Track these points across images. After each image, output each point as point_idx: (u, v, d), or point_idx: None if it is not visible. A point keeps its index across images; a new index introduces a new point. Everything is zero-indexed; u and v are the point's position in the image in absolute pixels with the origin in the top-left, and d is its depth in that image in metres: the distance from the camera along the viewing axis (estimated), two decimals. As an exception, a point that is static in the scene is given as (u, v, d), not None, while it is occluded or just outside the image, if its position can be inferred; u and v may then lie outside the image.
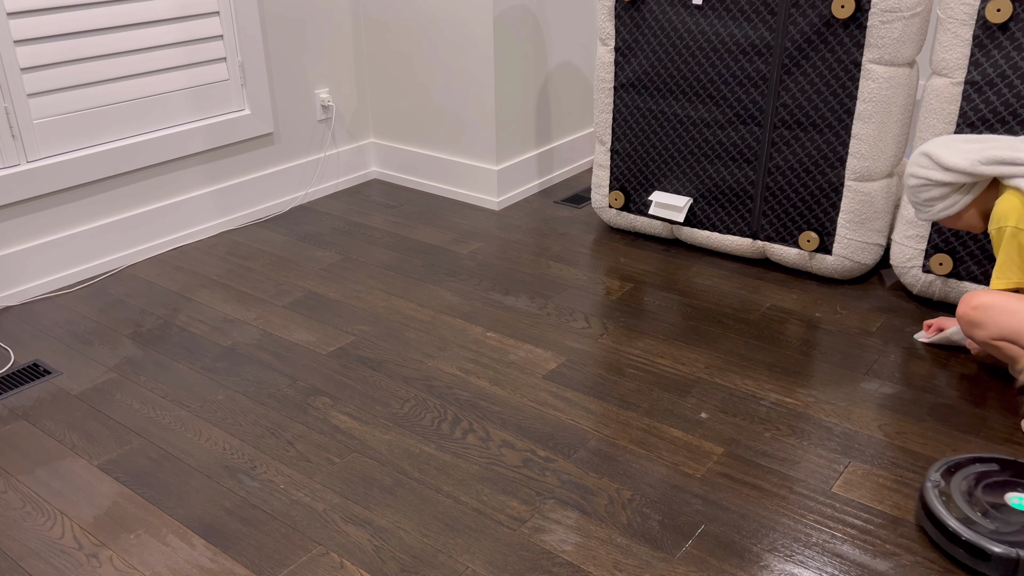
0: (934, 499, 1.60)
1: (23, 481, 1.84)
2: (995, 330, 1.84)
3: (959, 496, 1.60)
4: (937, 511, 1.58)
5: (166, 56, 2.77)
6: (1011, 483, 1.63)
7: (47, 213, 2.60)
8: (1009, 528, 1.52)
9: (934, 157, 1.94)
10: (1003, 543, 1.49)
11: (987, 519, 1.55)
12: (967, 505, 1.58)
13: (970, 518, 1.55)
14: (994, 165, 1.88)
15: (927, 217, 2.02)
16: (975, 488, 1.62)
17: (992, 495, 1.60)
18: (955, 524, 1.54)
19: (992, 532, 1.52)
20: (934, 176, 1.95)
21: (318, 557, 1.62)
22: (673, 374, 2.16)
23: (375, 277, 2.70)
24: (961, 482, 1.64)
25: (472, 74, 3.10)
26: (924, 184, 1.98)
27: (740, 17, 2.48)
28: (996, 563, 1.49)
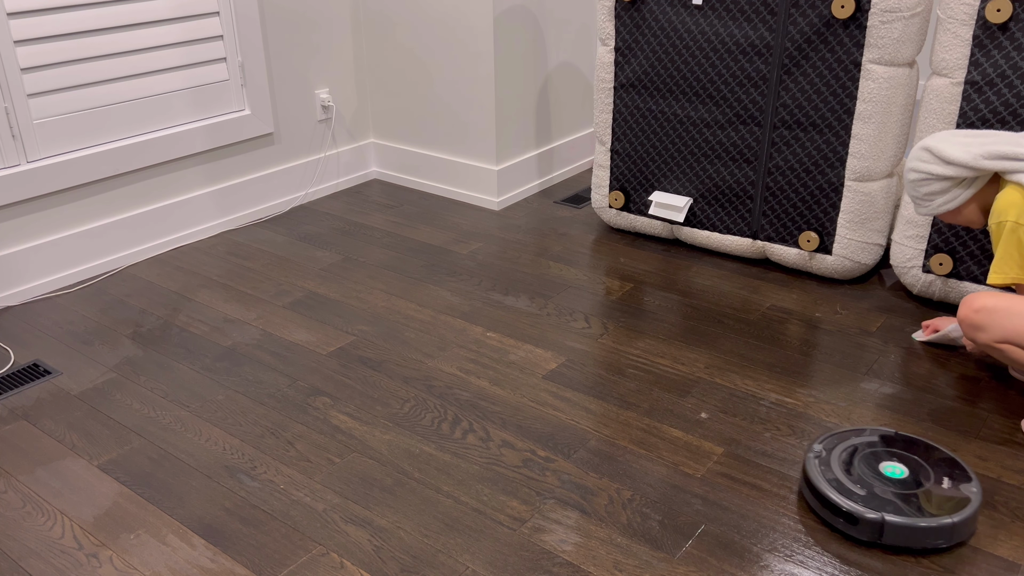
0: (813, 468, 1.70)
1: (23, 481, 1.84)
2: (998, 333, 1.84)
3: (837, 465, 1.70)
4: (814, 479, 1.67)
5: (166, 56, 2.77)
6: (888, 454, 1.74)
7: (47, 213, 2.61)
8: (879, 494, 1.62)
9: (935, 151, 1.94)
10: (871, 508, 1.59)
11: (860, 486, 1.64)
12: (843, 474, 1.68)
13: (844, 485, 1.65)
14: (996, 160, 1.88)
15: (927, 212, 2.02)
16: (853, 458, 1.72)
17: (868, 464, 1.70)
18: (828, 490, 1.64)
19: (863, 498, 1.61)
20: (935, 170, 1.95)
21: (318, 557, 1.62)
22: (673, 374, 2.17)
23: (375, 277, 2.71)
24: (841, 453, 1.74)
25: (472, 74, 3.10)
26: (925, 178, 1.97)
27: (740, 17, 2.48)
28: (864, 526, 1.59)
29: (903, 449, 1.75)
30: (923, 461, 1.71)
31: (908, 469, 1.69)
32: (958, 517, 1.57)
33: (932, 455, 1.73)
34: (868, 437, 1.78)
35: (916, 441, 1.77)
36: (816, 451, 1.74)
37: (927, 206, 2.01)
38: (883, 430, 1.80)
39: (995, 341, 1.85)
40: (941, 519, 1.56)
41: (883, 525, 1.58)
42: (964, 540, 1.61)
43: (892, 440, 1.77)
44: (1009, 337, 1.83)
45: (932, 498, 1.61)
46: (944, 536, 1.57)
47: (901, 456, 1.73)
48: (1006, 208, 1.86)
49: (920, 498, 1.62)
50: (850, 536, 1.63)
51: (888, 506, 1.60)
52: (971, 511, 1.58)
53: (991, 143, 1.90)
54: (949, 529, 1.56)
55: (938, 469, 1.68)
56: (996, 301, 1.84)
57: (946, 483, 1.65)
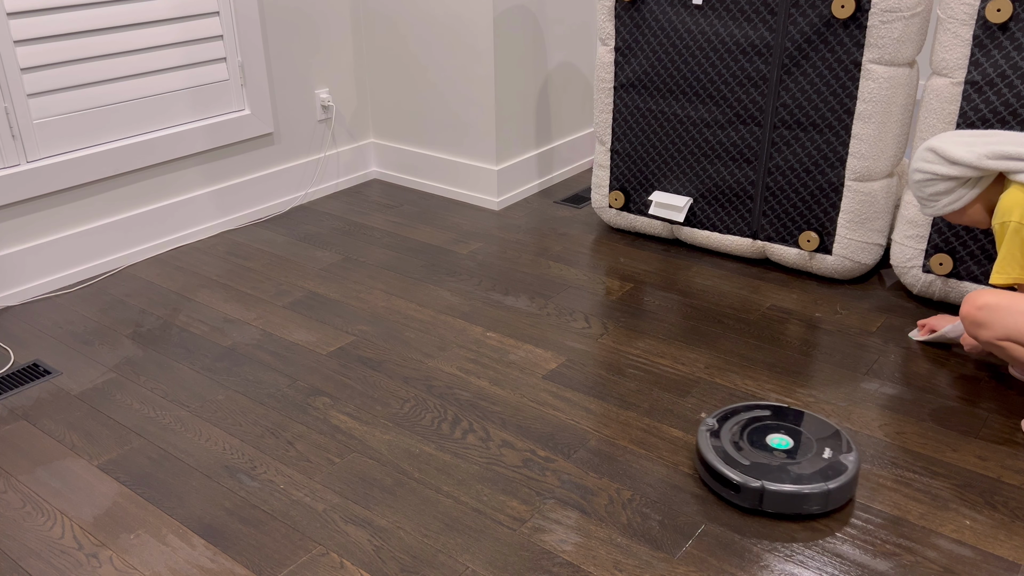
0: (703, 440, 1.79)
1: (23, 481, 1.84)
2: (1000, 330, 1.84)
3: (727, 437, 1.80)
4: (703, 450, 1.77)
5: (166, 56, 2.77)
6: (777, 427, 1.83)
7: (47, 213, 2.61)
8: (763, 464, 1.72)
9: (939, 151, 1.94)
10: (752, 476, 1.68)
11: (745, 457, 1.74)
12: (732, 445, 1.77)
13: (730, 455, 1.74)
14: (1000, 160, 1.88)
15: (932, 212, 2.02)
16: (743, 431, 1.82)
17: (756, 436, 1.80)
18: (715, 460, 1.73)
19: (746, 467, 1.71)
20: (940, 170, 1.95)
21: (318, 557, 1.62)
22: (673, 374, 2.16)
23: (375, 277, 2.71)
24: (733, 426, 1.83)
25: (472, 74, 3.10)
26: (930, 179, 1.97)
27: (740, 17, 2.48)
28: (746, 493, 1.68)
29: (792, 422, 1.84)
30: (809, 433, 1.80)
31: (794, 440, 1.78)
32: (834, 484, 1.66)
33: (819, 427, 1.82)
34: (760, 411, 1.87)
35: (806, 414, 1.86)
36: (708, 424, 1.84)
37: (932, 206, 2.01)
38: (775, 404, 1.89)
39: (997, 338, 1.85)
40: (817, 486, 1.65)
41: (763, 492, 1.67)
42: (840, 506, 1.70)
43: (783, 413, 1.87)
44: (1011, 335, 1.83)
45: (812, 467, 1.71)
46: (820, 502, 1.66)
47: (789, 428, 1.82)
48: (1010, 208, 1.86)
49: (801, 467, 1.71)
50: (736, 504, 1.71)
51: (769, 474, 1.68)
52: (847, 478, 1.67)
53: (995, 143, 1.90)
54: (824, 495, 1.66)
55: (822, 440, 1.78)
56: (999, 299, 1.84)
57: (827, 453, 1.74)
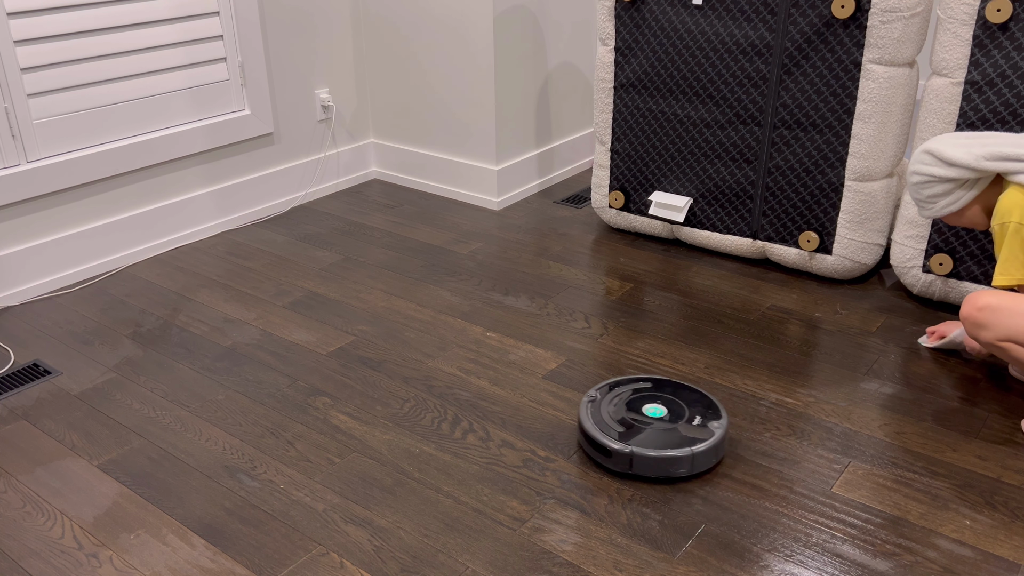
0: (584, 410, 1.90)
1: (23, 481, 1.84)
2: (1001, 332, 1.84)
3: (607, 407, 1.91)
4: (582, 419, 1.87)
5: (166, 56, 2.77)
6: (655, 397, 1.94)
7: (47, 213, 2.61)
8: (636, 431, 1.83)
9: (937, 153, 1.94)
10: (623, 442, 1.79)
11: (621, 425, 1.85)
12: (609, 414, 1.88)
13: (606, 423, 1.86)
14: (997, 161, 1.88)
15: (930, 214, 2.02)
16: (623, 401, 1.93)
17: (634, 406, 1.91)
18: (591, 428, 1.85)
19: (619, 434, 1.82)
20: (937, 172, 1.95)
21: (318, 557, 1.62)
22: (673, 374, 2.16)
23: (375, 277, 2.71)
24: (614, 397, 1.94)
25: (472, 74, 3.10)
26: (927, 180, 1.97)
27: (740, 17, 2.48)
28: (617, 458, 1.79)
29: (670, 393, 1.95)
30: (684, 403, 1.91)
31: (668, 409, 1.89)
32: (699, 448, 1.77)
33: (694, 397, 1.94)
34: (642, 384, 1.99)
35: (685, 387, 1.97)
36: (591, 396, 1.94)
37: (930, 208, 2.01)
38: (658, 376, 2.01)
39: (997, 339, 1.85)
40: (682, 450, 1.77)
41: (632, 457, 1.78)
42: (706, 469, 1.81)
43: (663, 385, 1.98)
44: (1012, 336, 1.83)
45: (681, 433, 1.82)
46: (685, 465, 1.78)
47: (666, 399, 1.93)
48: (1009, 209, 1.86)
49: (670, 433, 1.82)
50: (610, 469, 1.83)
51: (639, 440, 1.80)
52: (711, 443, 1.79)
53: (992, 144, 1.90)
54: (690, 459, 1.77)
55: (694, 409, 1.89)
56: (999, 300, 1.84)
57: (697, 420, 1.86)
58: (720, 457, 1.83)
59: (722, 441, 1.82)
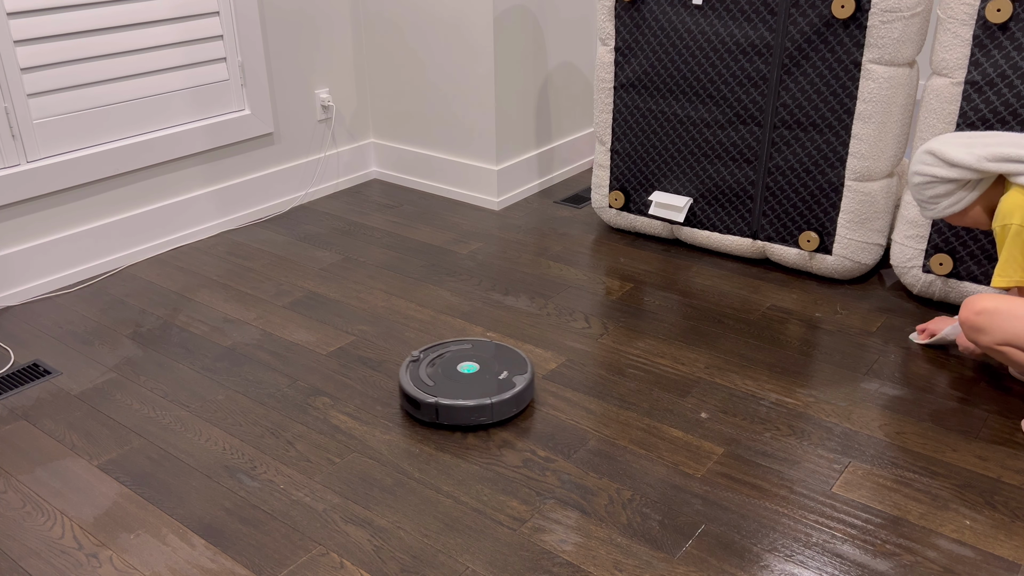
0: (403, 369, 2.05)
1: (23, 481, 1.84)
2: (999, 336, 1.84)
3: (424, 365, 2.06)
4: (400, 376, 2.03)
5: (166, 56, 2.77)
6: (471, 356, 2.10)
7: (47, 213, 2.61)
8: (444, 385, 1.99)
9: (939, 154, 1.93)
10: (430, 394, 1.95)
11: (433, 380, 2.01)
12: (426, 372, 2.03)
13: (420, 379, 2.01)
14: (1000, 162, 1.87)
15: (932, 215, 2.01)
16: (440, 359, 2.09)
17: (450, 364, 2.07)
18: (406, 383, 2.00)
19: (428, 388, 1.97)
20: (939, 173, 1.94)
21: (318, 557, 1.62)
22: (673, 374, 2.16)
23: (375, 277, 2.70)
24: (434, 357, 2.10)
25: (472, 74, 3.10)
26: (929, 181, 1.97)
27: (740, 17, 2.48)
28: (425, 409, 1.95)
29: (486, 353, 2.11)
30: (497, 361, 2.07)
31: (480, 366, 2.05)
32: (496, 399, 1.93)
33: (508, 356, 2.09)
34: (463, 345, 2.14)
35: (502, 347, 2.13)
36: (414, 356, 2.09)
37: (933, 209, 2.00)
38: (479, 339, 2.18)
39: (996, 343, 1.85)
40: (482, 400, 1.92)
41: (437, 407, 1.93)
42: (507, 418, 1.97)
43: (483, 346, 2.14)
44: (1010, 339, 1.83)
45: (485, 386, 1.98)
46: (486, 414, 1.94)
47: (481, 358, 2.08)
48: (1011, 211, 1.86)
49: (475, 386, 1.98)
50: (423, 421, 1.98)
51: (446, 392, 1.96)
52: (511, 394, 1.95)
53: (995, 144, 1.89)
54: (490, 408, 1.93)
55: (503, 365, 2.05)
56: (997, 304, 1.84)
57: (504, 375, 2.01)
58: (522, 407, 1.99)
59: (523, 392, 1.98)
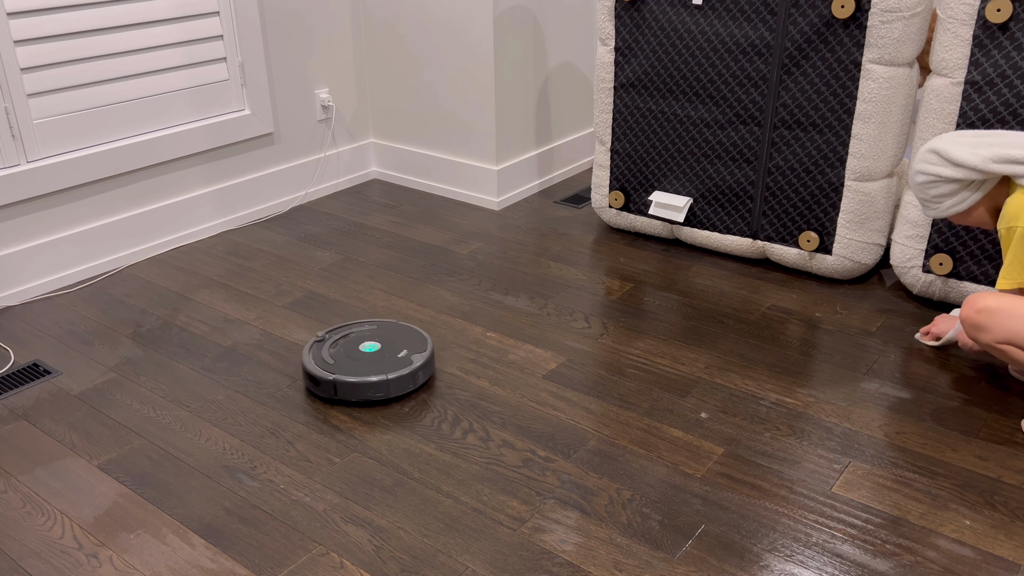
0: (306, 348, 2.13)
1: (23, 481, 1.84)
2: (1000, 334, 1.83)
3: (328, 345, 2.14)
4: (303, 356, 2.11)
5: (166, 56, 2.77)
6: (375, 336, 2.18)
7: (47, 213, 2.61)
8: (343, 363, 2.07)
9: (943, 153, 1.92)
10: (329, 372, 2.04)
11: (334, 359, 2.09)
12: (328, 352, 2.12)
13: (321, 357, 2.09)
14: (1005, 164, 1.86)
15: (936, 214, 2.00)
16: (344, 340, 2.17)
17: (353, 344, 2.15)
18: (306, 361, 2.08)
19: (328, 366, 2.06)
20: (943, 172, 1.93)
21: (318, 557, 1.62)
22: (673, 374, 2.17)
23: (375, 277, 2.71)
24: (338, 337, 2.18)
25: (472, 74, 3.10)
26: (933, 181, 1.95)
27: (740, 17, 2.48)
28: (324, 385, 2.04)
29: (390, 333, 2.19)
30: (400, 340, 2.16)
31: (381, 345, 2.14)
32: (392, 375, 2.02)
33: (411, 336, 2.19)
34: (368, 327, 2.22)
35: (405, 327, 2.23)
36: (319, 336, 2.17)
37: (936, 208, 1.98)
38: (386, 321, 2.26)
39: (996, 342, 1.85)
40: (378, 377, 2.01)
41: (335, 384, 2.02)
42: (403, 393, 2.06)
43: (388, 327, 2.23)
44: (1010, 338, 1.83)
45: (383, 363, 2.07)
46: (382, 389, 2.03)
47: (384, 337, 2.17)
48: (1017, 213, 1.85)
49: (373, 364, 2.07)
50: (324, 397, 2.06)
51: (344, 370, 2.04)
52: (406, 372, 2.04)
53: (1000, 145, 1.87)
54: (385, 384, 2.02)
55: (404, 344, 2.14)
56: (999, 302, 1.84)
57: (403, 353, 2.10)
58: (419, 384, 2.08)
59: (418, 370, 2.07)
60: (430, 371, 2.12)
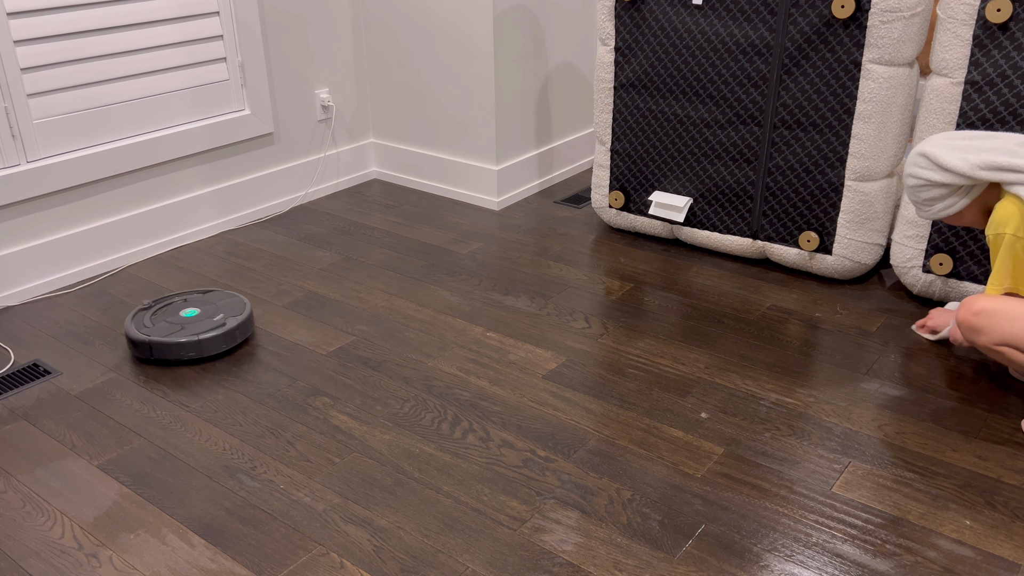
0: (128, 315, 2.27)
1: (23, 481, 1.84)
2: (996, 336, 1.84)
3: (151, 312, 2.28)
4: (125, 321, 2.25)
5: (166, 56, 2.77)
6: (198, 302, 2.32)
7: (47, 213, 2.61)
8: (162, 326, 2.22)
9: (932, 157, 1.93)
10: (144, 334, 2.19)
11: (153, 323, 2.23)
12: (149, 318, 2.26)
13: (142, 323, 2.23)
14: (992, 171, 1.87)
15: (928, 216, 2.02)
16: (168, 307, 2.31)
17: (174, 310, 2.30)
18: (127, 326, 2.23)
19: (148, 329, 2.20)
20: (932, 177, 1.94)
21: (318, 557, 1.62)
22: (673, 374, 2.17)
23: (375, 277, 2.71)
24: (164, 304, 2.32)
25: (472, 74, 3.10)
26: (923, 184, 1.97)
27: (740, 17, 2.48)
28: (139, 347, 2.18)
29: (213, 300, 2.33)
30: (220, 307, 2.29)
31: (200, 311, 2.27)
32: (204, 336, 2.17)
33: (231, 302, 2.32)
34: (195, 295, 2.37)
35: (232, 296, 2.36)
36: (143, 304, 2.30)
37: (927, 211, 2.01)
38: (214, 290, 2.40)
39: (993, 343, 1.85)
40: (190, 338, 2.16)
41: (151, 345, 2.15)
42: (214, 353, 2.21)
43: (215, 295, 2.36)
44: (1007, 340, 1.83)
45: (198, 327, 2.20)
46: (193, 350, 2.17)
47: (207, 303, 2.30)
48: (1004, 220, 1.86)
49: (189, 327, 2.20)
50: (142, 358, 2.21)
51: (159, 332, 2.19)
52: (217, 333, 2.19)
53: (988, 151, 1.88)
54: (196, 344, 2.17)
55: (223, 310, 2.27)
56: (995, 304, 1.84)
57: (219, 317, 2.23)
58: (231, 345, 2.22)
59: (232, 331, 2.21)
60: (247, 332, 2.28)
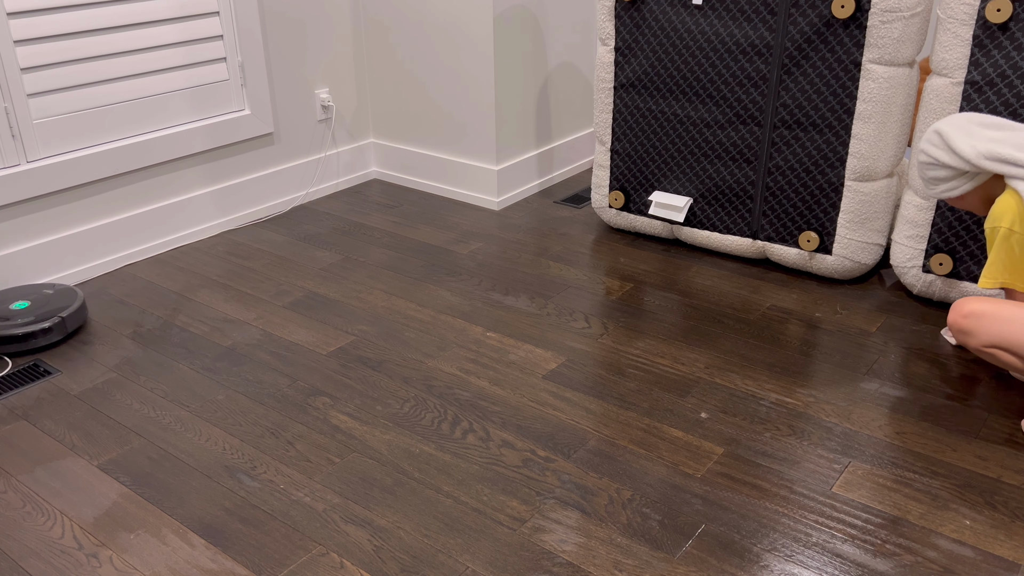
0: None
1: (23, 481, 1.84)
2: (986, 338, 1.85)
3: None
4: None
5: (166, 56, 2.77)
6: (29, 295, 2.41)
7: (47, 213, 2.60)
8: None
9: (944, 136, 1.96)
10: None
11: None
12: None
13: None
14: (995, 162, 1.88)
15: (932, 195, 2.06)
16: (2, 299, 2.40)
17: (6, 302, 2.37)
18: None
19: None
20: (940, 157, 1.97)
21: (318, 557, 1.62)
22: (673, 374, 2.17)
23: (375, 277, 2.70)
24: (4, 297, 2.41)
25: (472, 74, 3.10)
26: (931, 162, 2.00)
27: (740, 17, 2.48)
28: None
29: (48, 293, 2.42)
30: (51, 301, 2.37)
31: (31, 303, 2.36)
32: (21, 330, 2.26)
33: (64, 295, 2.41)
34: (27, 289, 2.44)
35: (68, 289, 2.44)
36: None
37: (932, 189, 2.04)
38: (58, 284, 2.48)
39: (983, 345, 1.86)
40: (12, 331, 2.25)
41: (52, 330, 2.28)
42: (36, 348, 2.29)
43: (55, 289, 2.45)
44: (996, 342, 1.84)
45: (24, 319, 2.29)
46: (17, 342, 2.26)
47: (37, 298, 2.39)
48: (1001, 214, 1.87)
49: (15, 318, 2.29)
50: None
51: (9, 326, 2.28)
52: (46, 325, 2.28)
53: (996, 142, 1.90)
54: (21, 338, 2.26)
55: (56, 302, 2.37)
56: (984, 306, 1.85)
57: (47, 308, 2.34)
58: (64, 334, 2.32)
59: (63, 321, 2.30)
60: (79, 321, 2.38)
